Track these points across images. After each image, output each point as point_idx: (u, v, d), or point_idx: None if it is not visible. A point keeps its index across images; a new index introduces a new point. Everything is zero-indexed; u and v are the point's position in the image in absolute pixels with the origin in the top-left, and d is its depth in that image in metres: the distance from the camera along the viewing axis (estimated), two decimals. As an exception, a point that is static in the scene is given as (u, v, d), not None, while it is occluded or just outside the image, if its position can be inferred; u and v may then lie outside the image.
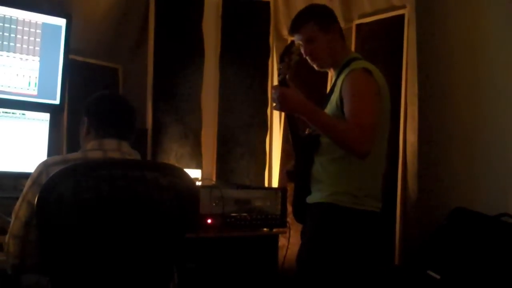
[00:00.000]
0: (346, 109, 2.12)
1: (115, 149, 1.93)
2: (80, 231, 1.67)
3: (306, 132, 2.36)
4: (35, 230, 1.75)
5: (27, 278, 1.90)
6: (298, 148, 2.36)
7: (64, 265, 1.70)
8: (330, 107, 2.23)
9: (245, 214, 2.93)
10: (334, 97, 2.21)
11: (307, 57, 2.34)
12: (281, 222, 3.03)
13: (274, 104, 2.20)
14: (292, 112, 2.24)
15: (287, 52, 2.28)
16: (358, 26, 3.45)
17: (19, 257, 1.83)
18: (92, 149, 1.92)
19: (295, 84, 2.31)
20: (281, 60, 2.28)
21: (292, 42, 2.40)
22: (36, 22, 2.97)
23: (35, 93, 2.98)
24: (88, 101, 2.04)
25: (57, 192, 1.63)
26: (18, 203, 1.84)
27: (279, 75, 2.27)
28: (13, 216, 1.85)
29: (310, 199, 2.28)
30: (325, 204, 2.20)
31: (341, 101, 2.16)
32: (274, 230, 3.05)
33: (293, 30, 2.36)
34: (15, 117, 2.84)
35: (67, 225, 1.66)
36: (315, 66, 2.38)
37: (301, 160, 2.33)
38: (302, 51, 2.31)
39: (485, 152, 2.96)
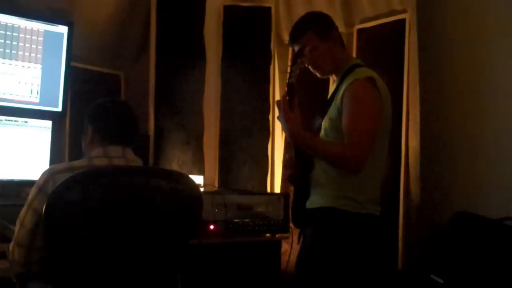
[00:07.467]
0: (343, 121, 2.15)
1: (120, 156, 1.93)
2: (87, 238, 1.67)
3: None
4: (41, 237, 1.75)
5: (32, 286, 1.89)
6: (298, 152, 2.36)
7: (70, 272, 1.70)
8: (331, 113, 2.24)
9: (247, 220, 2.92)
10: (336, 104, 2.21)
11: (309, 66, 2.35)
12: (284, 228, 3.02)
13: (277, 116, 2.24)
14: (289, 139, 2.28)
15: (300, 54, 2.27)
16: (359, 31, 3.45)
17: (24, 265, 1.82)
18: (97, 156, 1.92)
19: (298, 86, 2.31)
20: (294, 61, 2.26)
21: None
22: (38, 30, 2.98)
23: (37, 100, 2.99)
24: (91, 108, 2.04)
25: (65, 200, 1.64)
26: (23, 211, 1.83)
27: (289, 77, 2.25)
28: (18, 224, 1.84)
29: (310, 204, 2.28)
30: (327, 208, 2.20)
31: (342, 109, 2.18)
32: (277, 235, 3.05)
33: (292, 41, 2.36)
34: (18, 125, 2.85)
35: (75, 233, 1.66)
36: (317, 74, 2.38)
37: (301, 164, 2.34)
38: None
39: (488, 155, 2.96)
